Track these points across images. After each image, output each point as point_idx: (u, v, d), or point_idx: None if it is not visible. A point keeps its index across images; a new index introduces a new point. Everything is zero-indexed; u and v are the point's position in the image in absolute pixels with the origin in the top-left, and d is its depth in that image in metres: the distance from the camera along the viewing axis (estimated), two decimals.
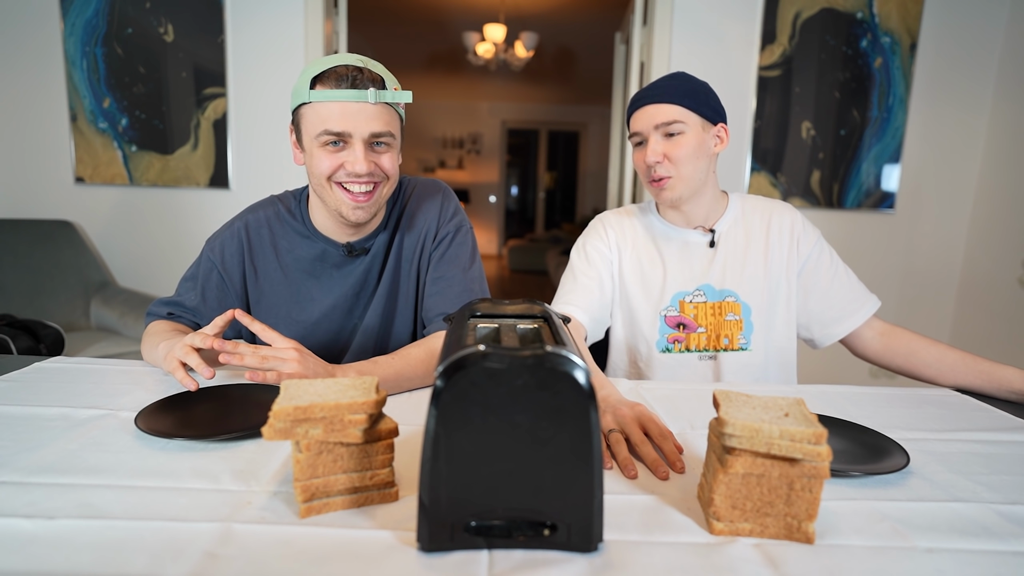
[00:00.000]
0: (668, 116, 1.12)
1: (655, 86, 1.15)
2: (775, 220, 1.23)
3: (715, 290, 1.21)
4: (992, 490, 0.68)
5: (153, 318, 1.11)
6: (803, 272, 1.22)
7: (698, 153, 1.14)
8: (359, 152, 0.97)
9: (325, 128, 0.96)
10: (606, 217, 1.30)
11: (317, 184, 1.02)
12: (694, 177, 1.15)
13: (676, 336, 1.21)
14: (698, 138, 1.13)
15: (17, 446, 0.71)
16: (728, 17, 2.61)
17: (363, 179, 0.99)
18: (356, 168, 0.97)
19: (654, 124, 1.13)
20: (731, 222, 1.23)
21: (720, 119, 1.16)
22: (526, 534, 0.52)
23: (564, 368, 0.50)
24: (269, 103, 2.71)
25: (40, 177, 2.76)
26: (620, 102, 3.45)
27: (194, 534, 0.54)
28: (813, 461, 0.54)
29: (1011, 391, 1.02)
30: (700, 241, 1.23)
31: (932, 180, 2.72)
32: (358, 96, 0.94)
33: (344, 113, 0.95)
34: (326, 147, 0.98)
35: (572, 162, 9.74)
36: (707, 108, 1.13)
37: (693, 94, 1.13)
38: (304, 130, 0.99)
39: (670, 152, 1.13)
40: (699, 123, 1.13)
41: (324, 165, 0.98)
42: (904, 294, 2.81)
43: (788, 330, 1.22)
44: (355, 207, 1.01)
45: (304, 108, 0.98)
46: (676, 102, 1.12)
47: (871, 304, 1.20)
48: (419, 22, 5.47)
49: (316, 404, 0.56)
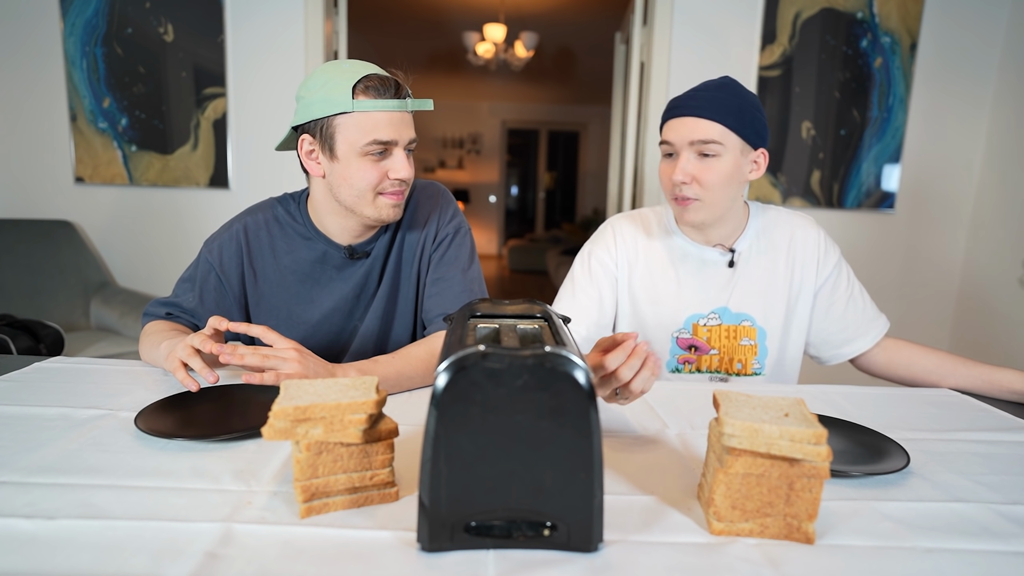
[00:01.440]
0: (706, 134, 1.02)
1: (698, 96, 1.04)
2: (798, 237, 1.16)
3: (732, 313, 1.16)
4: (992, 490, 0.68)
5: (151, 318, 1.11)
6: (820, 293, 1.17)
7: (731, 180, 1.04)
8: (402, 158, 1.00)
9: (375, 138, 0.96)
10: (618, 226, 1.21)
11: (353, 193, 1.00)
12: (722, 204, 1.07)
13: (687, 357, 1.17)
14: (735, 163, 1.04)
15: (17, 446, 0.71)
16: (728, 17, 2.61)
17: (405, 184, 1.02)
18: (402, 174, 1.00)
19: (689, 140, 1.03)
20: (752, 239, 1.16)
21: (762, 143, 1.06)
22: (526, 534, 0.52)
23: (564, 368, 0.50)
24: (269, 103, 2.71)
25: (40, 177, 2.76)
26: (620, 102, 3.45)
27: (194, 534, 0.54)
28: (813, 461, 0.54)
29: (1011, 392, 1.02)
30: (719, 260, 1.16)
31: (932, 180, 2.72)
32: (400, 106, 0.98)
33: (391, 122, 0.97)
34: (369, 157, 0.98)
35: (572, 162, 9.74)
36: (751, 130, 1.03)
37: (739, 112, 1.02)
38: (341, 139, 0.97)
39: (701, 175, 1.03)
40: (739, 146, 1.03)
41: (372, 176, 0.99)
42: (904, 294, 2.81)
43: (797, 351, 1.19)
44: (395, 205, 1.03)
45: (342, 118, 0.96)
46: (718, 120, 1.01)
47: (881, 324, 1.17)
48: (419, 22, 5.47)
49: (316, 404, 0.56)
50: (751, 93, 1.07)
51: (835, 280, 1.17)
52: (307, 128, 1.00)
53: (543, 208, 10.15)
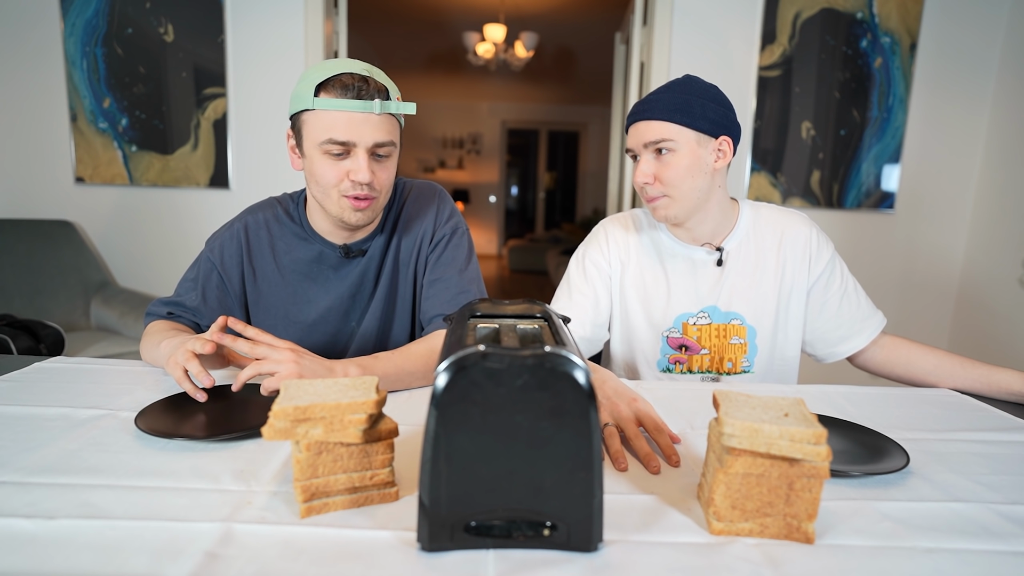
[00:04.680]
0: (656, 134, 1.06)
1: (648, 100, 1.08)
2: (788, 235, 1.16)
3: (721, 312, 1.16)
4: (992, 490, 0.68)
5: (153, 318, 1.11)
6: (813, 291, 1.17)
7: (692, 172, 1.06)
8: (362, 161, 0.97)
9: (330, 136, 0.96)
10: (609, 227, 1.23)
11: (319, 191, 1.02)
12: (690, 196, 1.08)
13: (678, 357, 1.18)
14: (692, 156, 1.06)
15: (17, 446, 0.71)
16: (728, 17, 2.61)
17: (365, 188, 0.99)
18: (359, 176, 0.97)
19: (643, 142, 1.08)
20: (741, 238, 1.17)
21: (723, 131, 1.07)
22: (526, 534, 0.52)
23: (564, 368, 0.50)
24: (269, 103, 2.71)
25: (40, 177, 2.76)
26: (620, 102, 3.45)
27: (194, 534, 0.54)
28: (813, 461, 0.54)
29: (1010, 393, 1.01)
30: (707, 259, 1.16)
31: (932, 180, 2.72)
32: (364, 107, 0.95)
33: (350, 122, 0.95)
34: (328, 155, 0.98)
35: (572, 162, 9.74)
36: (704, 121, 1.05)
37: (686, 108, 1.05)
38: (306, 136, 0.99)
39: (660, 173, 1.07)
40: (693, 139, 1.06)
41: (329, 175, 0.99)
42: (904, 294, 2.81)
43: (794, 349, 1.19)
44: (355, 210, 1.02)
45: (307, 114, 0.97)
46: (665, 118, 1.05)
47: (877, 321, 1.17)
48: (419, 22, 5.47)
49: (316, 404, 0.56)
50: (706, 86, 1.08)
51: (828, 277, 1.17)
52: (291, 123, 1.03)
53: (543, 208, 10.15)
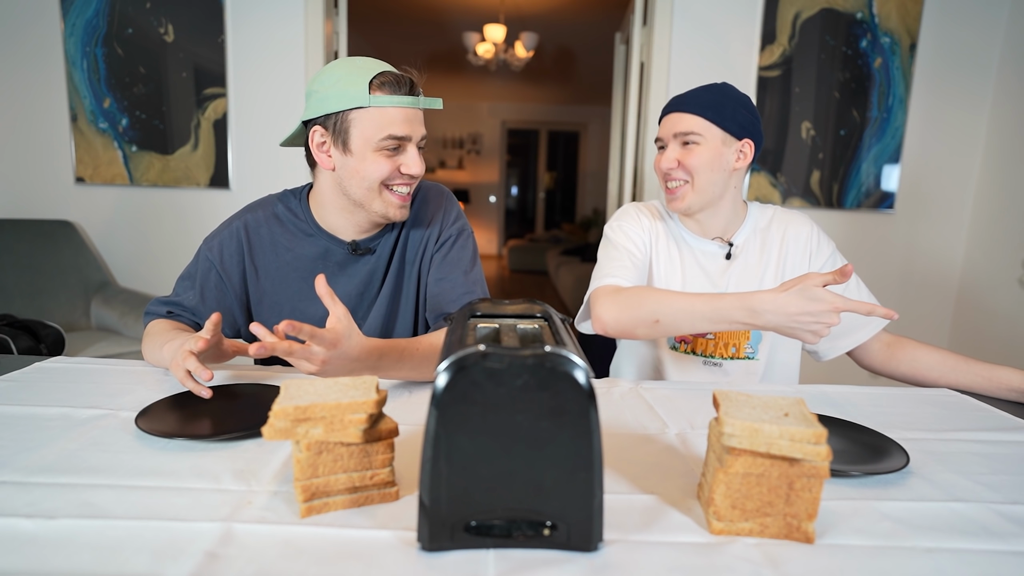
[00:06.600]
0: (686, 126, 1.14)
1: (684, 94, 1.17)
2: (790, 232, 1.22)
3: None
4: (992, 490, 0.68)
5: (152, 317, 1.11)
6: None
7: (713, 165, 1.14)
8: (415, 154, 1.02)
9: (389, 133, 0.98)
10: (639, 206, 1.29)
11: (363, 188, 1.02)
12: (707, 189, 1.15)
13: (683, 337, 1.22)
14: (715, 151, 1.14)
15: (17, 446, 0.71)
16: (728, 17, 2.61)
17: (414, 180, 1.04)
18: (413, 170, 1.02)
19: (673, 132, 1.16)
20: (748, 234, 1.23)
21: (747, 135, 1.15)
22: (526, 534, 0.52)
23: (564, 368, 0.50)
24: (269, 103, 2.71)
25: (40, 177, 2.76)
26: (620, 102, 3.45)
27: (194, 534, 0.54)
28: (813, 461, 0.54)
29: (1011, 390, 1.02)
30: (717, 252, 1.23)
31: (932, 180, 2.72)
32: (414, 103, 1.00)
33: (406, 118, 1.00)
34: (383, 152, 1.00)
35: (572, 162, 9.74)
36: (732, 123, 1.13)
37: (718, 107, 1.13)
38: (356, 133, 0.99)
39: (684, 159, 1.14)
40: (719, 136, 1.14)
41: (383, 169, 1.01)
42: (904, 294, 2.81)
43: (794, 343, 1.22)
44: (401, 206, 1.05)
45: (358, 112, 0.98)
46: (697, 113, 1.13)
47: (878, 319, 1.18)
48: (419, 22, 5.47)
49: (316, 404, 0.56)
50: (741, 93, 1.17)
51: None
52: (319, 121, 1.02)
53: (543, 208, 10.15)
